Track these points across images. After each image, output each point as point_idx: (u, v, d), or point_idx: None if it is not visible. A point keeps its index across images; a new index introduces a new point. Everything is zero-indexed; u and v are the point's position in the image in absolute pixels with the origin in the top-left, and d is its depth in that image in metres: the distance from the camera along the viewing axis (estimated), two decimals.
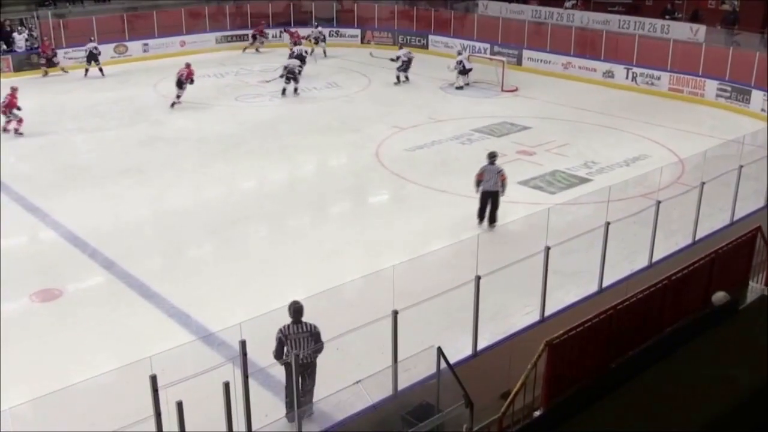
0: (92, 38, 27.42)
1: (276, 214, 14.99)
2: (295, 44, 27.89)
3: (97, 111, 22.54)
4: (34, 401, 6.99)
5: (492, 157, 14.29)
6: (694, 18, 27.63)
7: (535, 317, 10.09)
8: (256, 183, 17.18)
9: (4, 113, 19.69)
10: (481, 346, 9.37)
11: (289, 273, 12.19)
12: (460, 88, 25.04)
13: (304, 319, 8.38)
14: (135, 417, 6.66)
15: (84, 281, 12.41)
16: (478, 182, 13.93)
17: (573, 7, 30.62)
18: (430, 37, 31.64)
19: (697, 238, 12.45)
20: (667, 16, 28.25)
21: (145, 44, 30.24)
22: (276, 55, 29.51)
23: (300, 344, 8.38)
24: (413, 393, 8.38)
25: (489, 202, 13.83)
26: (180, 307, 11.11)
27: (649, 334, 8.47)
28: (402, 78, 25.94)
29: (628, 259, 11.77)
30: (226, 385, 6.84)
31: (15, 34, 28.20)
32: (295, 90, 24.46)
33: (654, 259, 11.65)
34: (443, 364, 8.15)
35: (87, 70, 26.93)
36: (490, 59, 26.84)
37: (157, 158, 18.31)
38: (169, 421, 6.62)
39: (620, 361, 6.26)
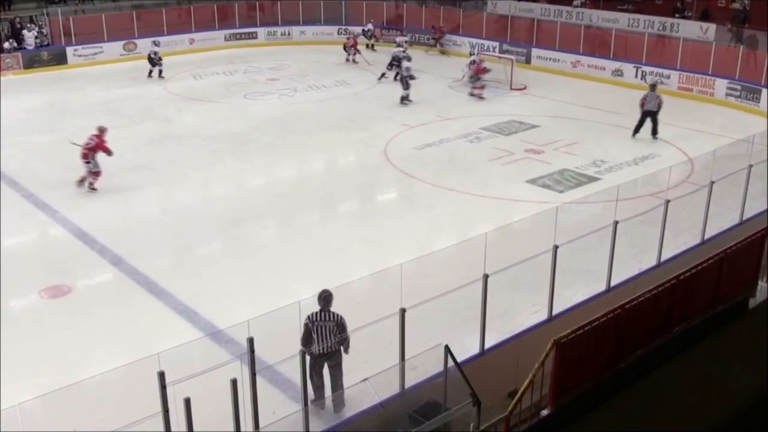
0: (156, 41, 27.00)
1: (284, 211, 15.01)
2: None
3: (107, 108, 22.60)
4: (43, 397, 7.01)
5: (653, 84, 19.78)
6: (704, 16, 27.54)
7: (542, 316, 10.07)
8: (264, 180, 17.19)
9: (85, 157, 15.56)
10: (488, 344, 9.36)
11: (297, 270, 12.21)
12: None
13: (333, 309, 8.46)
14: (143, 413, 6.68)
15: (93, 278, 12.45)
16: (642, 104, 19.13)
17: (582, 5, 30.57)
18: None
19: (705, 237, 12.40)
20: (676, 15, 28.15)
21: (155, 41, 30.27)
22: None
23: (324, 332, 8.48)
24: (420, 391, 8.38)
25: (648, 120, 19.02)
26: (188, 304, 11.15)
27: (657, 333, 8.44)
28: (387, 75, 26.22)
29: (636, 258, 11.73)
30: (234, 383, 6.86)
31: (25, 32, 28.34)
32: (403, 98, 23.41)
33: (662, 259, 11.61)
34: (451, 363, 8.14)
35: (150, 72, 26.29)
36: (499, 58, 26.79)
37: (167, 155, 18.36)
38: (177, 417, 6.65)
39: (628, 361, 6.25)
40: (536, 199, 15.17)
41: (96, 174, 15.61)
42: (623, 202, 11.76)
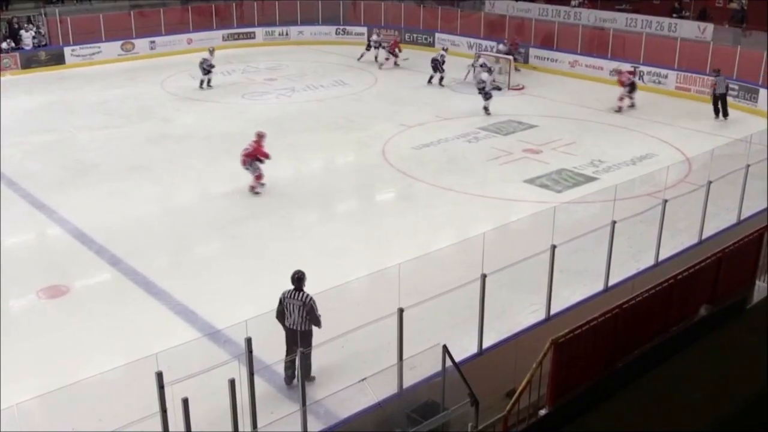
0: (211, 49, 26.05)
1: (282, 211, 15.01)
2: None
3: (105, 108, 22.61)
4: (41, 397, 7.02)
5: (717, 70, 21.46)
6: (702, 16, 27.57)
7: (540, 316, 10.08)
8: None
9: (244, 163, 15.55)
10: (486, 344, 9.36)
11: (294, 270, 12.18)
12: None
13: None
14: (141, 413, 6.69)
15: (91, 278, 12.45)
16: (714, 89, 21.31)
17: (580, 5, 30.58)
18: (437, 35, 31.61)
19: (703, 237, 12.41)
20: (674, 15, 28.18)
21: (152, 42, 30.33)
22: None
23: (291, 309, 8.90)
24: (419, 391, 8.39)
25: (719, 103, 21.15)
26: (186, 304, 11.15)
27: (655, 333, 8.45)
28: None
29: (634, 258, 11.75)
30: (232, 383, 6.86)
31: (22, 32, 28.32)
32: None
33: (660, 258, 11.62)
34: (449, 362, 8.15)
35: (202, 82, 24.94)
36: (497, 58, 26.79)
37: (165, 155, 18.36)
38: (175, 417, 6.65)
39: (626, 361, 6.26)
40: (534, 198, 15.18)
41: (258, 177, 15.54)
42: (621, 201, 11.77)
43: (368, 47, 29.26)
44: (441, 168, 17.35)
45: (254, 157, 15.40)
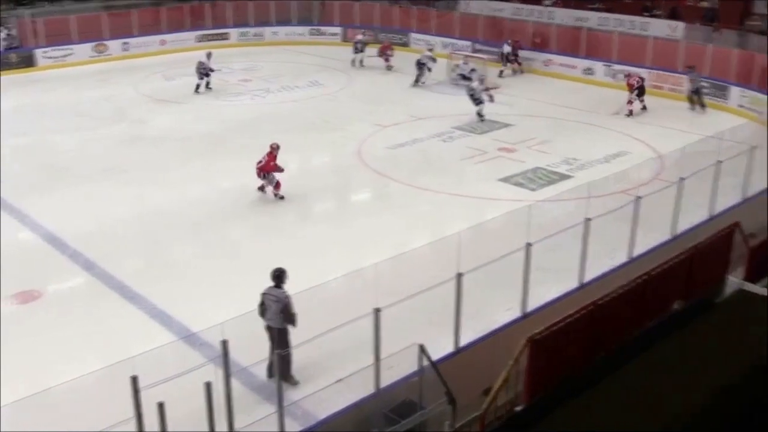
0: (208, 53, 25.40)
1: (258, 212, 14.96)
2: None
3: (78, 110, 22.39)
4: (15, 403, 6.94)
5: (691, 67, 22.43)
6: (673, 15, 27.82)
7: (516, 313, 10.15)
8: (238, 182, 17.08)
9: (259, 175, 15.51)
10: (463, 343, 9.41)
11: (270, 272, 12.14)
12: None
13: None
14: (117, 418, 6.64)
15: (64, 283, 12.33)
16: (692, 84, 22.19)
17: (553, 4, 30.75)
18: (412, 34, 31.66)
19: (676, 233, 12.57)
20: (645, 13, 28.44)
21: (125, 43, 30.08)
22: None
23: (268, 304, 9.02)
24: (396, 390, 8.41)
25: (695, 96, 22.23)
26: (162, 307, 11.07)
27: (629, 329, 8.54)
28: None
29: (608, 255, 11.86)
30: (208, 386, 6.84)
31: None
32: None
33: (634, 255, 11.75)
34: (425, 362, 8.18)
35: (198, 86, 24.44)
36: (472, 57, 26.88)
37: (139, 158, 18.22)
38: (151, 422, 6.61)
39: (600, 357, 6.33)
40: (509, 197, 15.26)
41: (277, 186, 15.44)
42: (595, 199, 11.87)
43: (356, 50, 28.62)
44: (416, 168, 17.38)
45: (268, 171, 15.39)
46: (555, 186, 16.04)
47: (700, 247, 10.44)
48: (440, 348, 9.09)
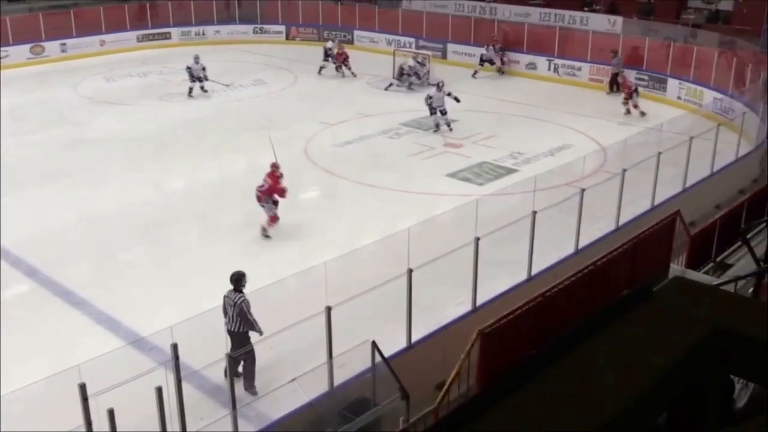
0: (196, 56, 24.05)
1: (206, 214, 14.79)
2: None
3: (15, 114, 21.78)
4: None
5: (615, 52, 23.49)
6: (612, 10, 28.39)
7: (467, 307, 10.24)
8: (184, 183, 16.91)
9: (259, 200, 13.42)
10: (415, 338, 9.46)
11: (220, 273, 11.91)
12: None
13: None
14: (66, 427, 6.51)
15: (6, 290, 11.98)
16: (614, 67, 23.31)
17: (495, 0, 31.06)
18: (356, 32, 31.67)
19: (620, 223, 12.83)
20: (585, 8, 28.94)
21: (63, 44, 29.40)
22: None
23: (227, 309, 8.99)
24: (349, 388, 8.42)
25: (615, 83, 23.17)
26: (108, 312, 10.88)
27: (578, 318, 8.70)
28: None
29: (555, 247, 12.04)
30: (159, 390, 6.75)
31: None
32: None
33: (580, 246, 11.96)
34: (378, 358, 8.21)
35: (191, 89, 23.53)
36: (416, 54, 27.00)
37: (81, 161, 17.84)
38: (102, 429, 6.50)
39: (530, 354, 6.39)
40: (457, 192, 15.39)
41: (272, 219, 13.15)
42: (540, 192, 12.06)
43: (326, 57, 26.82)
44: (364, 165, 17.40)
45: (271, 194, 13.26)
46: (501, 180, 16.23)
47: (643, 237, 10.69)
48: (393, 344, 9.12)
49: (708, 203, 14.49)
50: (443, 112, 19.49)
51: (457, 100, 20.08)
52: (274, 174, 13.28)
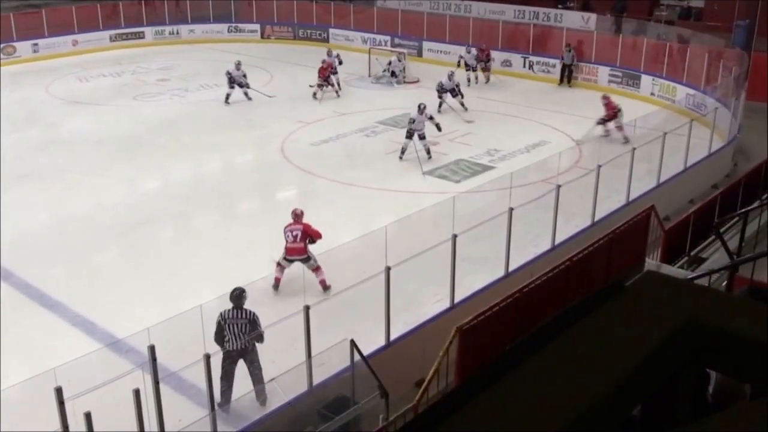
0: (238, 62, 22.91)
1: (182, 214, 14.70)
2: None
3: None
4: None
5: (568, 45, 24.31)
6: (585, 7, 28.59)
7: (445, 305, 10.27)
8: (159, 183, 16.80)
9: (296, 253, 11.25)
10: (393, 336, 9.47)
11: (197, 273, 11.99)
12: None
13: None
14: (43, 430, 6.45)
15: None
16: (561, 58, 24.47)
17: None
18: (331, 30, 31.63)
19: (596, 219, 12.93)
20: (559, 6, 29.13)
21: (35, 44, 29.07)
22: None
23: (236, 330, 8.48)
24: (328, 387, 8.42)
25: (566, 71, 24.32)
26: (84, 315, 10.78)
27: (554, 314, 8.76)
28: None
29: (532, 243, 12.12)
30: (137, 392, 6.71)
31: None
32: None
33: (557, 242, 12.04)
34: (357, 357, 8.21)
35: (228, 96, 22.46)
36: (391, 52, 27.02)
37: (54, 162, 17.66)
38: None
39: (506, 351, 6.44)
40: (434, 190, 15.41)
41: (317, 270, 11.18)
42: (517, 189, 12.12)
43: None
44: (341, 163, 17.38)
45: (306, 239, 11.33)
46: (478, 177, 16.28)
47: (618, 232, 10.79)
48: (371, 342, 9.13)
49: (682, 198, 14.65)
50: (421, 137, 17.40)
51: (438, 128, 18.15)
52: (299, 219, 11.56)
